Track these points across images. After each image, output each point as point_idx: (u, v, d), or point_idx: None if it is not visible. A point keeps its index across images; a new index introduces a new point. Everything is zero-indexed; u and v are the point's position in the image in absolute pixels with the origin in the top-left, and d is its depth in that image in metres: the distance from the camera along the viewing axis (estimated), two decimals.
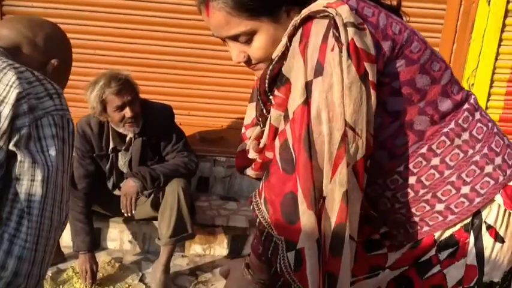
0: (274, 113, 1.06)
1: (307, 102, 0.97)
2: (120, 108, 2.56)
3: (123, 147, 2.74)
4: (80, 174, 2.73)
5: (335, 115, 0.94)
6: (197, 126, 3.38)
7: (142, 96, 2.75)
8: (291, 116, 0.99)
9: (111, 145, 2.74)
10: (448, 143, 1.03)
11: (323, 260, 0.99)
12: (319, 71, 0.95)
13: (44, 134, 0.98)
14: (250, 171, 1.26)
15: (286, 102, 1.02)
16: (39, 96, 0.99)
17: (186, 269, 3.00)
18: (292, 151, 0.99)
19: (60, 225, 1.02)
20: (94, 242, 2.79)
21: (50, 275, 2.76)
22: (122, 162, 2.78)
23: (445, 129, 1.03)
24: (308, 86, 0.96)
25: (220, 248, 3.16)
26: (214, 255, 3.15)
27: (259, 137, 1.20)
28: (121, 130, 2.66)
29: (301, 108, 0.97)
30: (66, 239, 3.02)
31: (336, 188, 0.96)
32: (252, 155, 1.23)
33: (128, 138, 2.72)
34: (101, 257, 2.89)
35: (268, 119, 1.11)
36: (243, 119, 1.28)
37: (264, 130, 1.16)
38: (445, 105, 1.03)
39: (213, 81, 3.29)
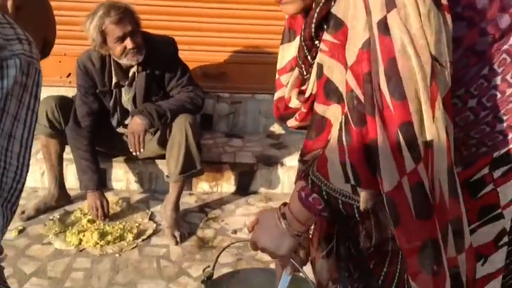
0: (327, 62, 0.98)
1: (369, 46, 0.88)
2: (121, 39, 2.44)
3: (127, 82, 2.65)
4: (84, 112, 2.65)
5: (419, 48, 0.87)
6: (199, 62, 3.27)
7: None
8: (352, 62, 0.91)
9: (114, 80, 2.64)
10: (509, 60, 0.99)
11: (441, 211, 0.92)
12: (390, 3, 0.87)
13: (7, 73, 0.87)
14: (292, 122, 1.19)
15: (340, 49, 0.94)
16: (8, 38, 0.90)
17: (195, 206, 2.98)
18: (363, 100, 0.90)
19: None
20: (101, 180, 2.76)
21: (58, 217, 2.73)
22: (126, 98, 2.69)
23: (505, 46, 0.99)
24: (381, 25, 0.88)
25: (227, 185, 3.13)
26: (222, 192, 3.13)
27: (299, 84, 1.12)
28: (123, 61, 2.55)
29: (365, 53, 0.89)
30: (71, 181, 2.98)
31: (440, 127, 0.89)
32: (294, 104, 1.15)
33: (131, 73, 2.62)
34: (108, 198, 2.84)
35: (315, 66, 1.02)
36: (245, 52, 1.21)
37: (308, 77, 1.07)
38: (504, 21, 0.98)
39: (214, 12, 3.15)
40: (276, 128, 3.53)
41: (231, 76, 3.36)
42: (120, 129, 2.81)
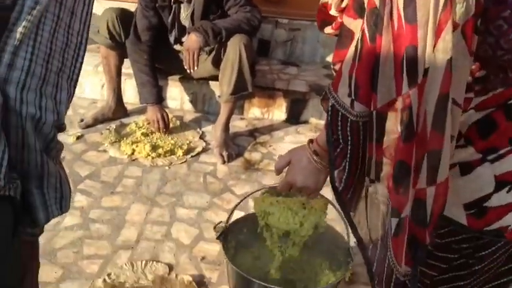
0: None
1: None
2: None
3: None
4: (144, 26, 2.69)
5: None
6: None
7: None
8: None
9: None
10: None
11: (421, 140, 0.93)
12: None
13: None
14: (328, 29, 1.17)
15: None
16: None
17: (245, 130, 3.02)
18: (383, 16, 0.89)
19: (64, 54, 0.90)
20: (160, 94, 2.83)
21: (114, 127, 2.85)
22: (184, 15, 2.69)
23: None
24: None
25: (278, 112, 3.13)
26: (272, 119, 3.14)
27: None
28: None
29: None
30: (128, 95, 3.08)
31: (439, 58, 0.87)
32: (333, 12, 1.13)
33: None
34: None
35: None
36: None
37: None
38: None
39: None
40: None
41: (290, 1, 3.26)
42: (177, 47, 2.83)
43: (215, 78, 2.82)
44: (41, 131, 0.83)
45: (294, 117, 3.13)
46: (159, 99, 2.80)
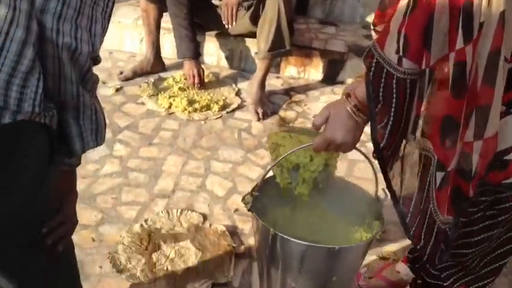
0: None
1: None
2: None
3: None
4: None
5: None
6: None
7: None
8: None
9: None
10: None
11: (471, 95, 0.92)
12: None
13: None
14: None
15: None
16: None
17: (280, 89, 3.02)
18: None
19: None
20: (198, 50, 2.85)
21: (152, 81, 2.90)
22: None
23: None
24: None
25: (315, 72, 3.11)
26: (309, 79, 3.13)
27: None
28: None
29: None
30: (166, 50, 3.11)
31: (493, 11, 0.85)
32: None
33: None
34: None
35: None
36: None
37: None
38: None
39: None
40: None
41: None
42: (216, 2, 2.82)
43: (252, 35, 2.81)
44: (76, 61, 0.86)
45: (330, 78, 3.11)
46: (196, 54, 2.82)
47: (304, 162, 1.27)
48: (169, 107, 2.68)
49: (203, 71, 2.85)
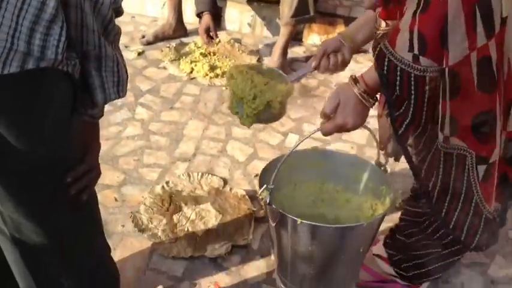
0: None
1: None
2: None
3: None
4: None
5: None
6: None
7: None
8: None
9: None
10: None
11: (507, 87, 0.94)
12: None
13: None
14: None
15: None
16: None
17: (303, 56, 2.99)
18: None
19: None
20: (214, 6, 2.79)
21: (174, 45, 2.89)
22: None
23: None
24: None
25: None
26: None
27: None
28: None
29: None
30: (189, 15, 3.08)
31: None
32: None
33: None
34: (221, 37, 2.93)
35: None
36: None
37: None
38: None
39: None
40: None
41: None
42: None
43: (275, 1, 2.77)
44: (99, 12, 0.88)
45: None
46: (212, 8, 2.75)
47: (247, 99, 1.34)
48: (191, 72, 2.68)
49: (215, 28, 2.73)
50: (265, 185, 1.27)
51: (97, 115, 1.03)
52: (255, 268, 1.67)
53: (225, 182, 2.00)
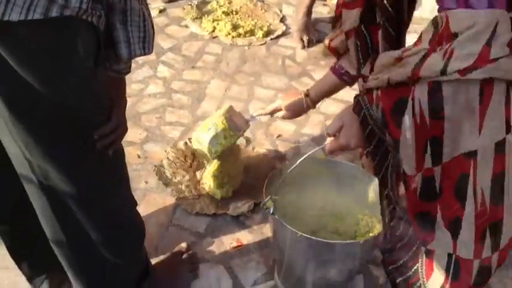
0: None
1: None
2: None
3: None
4: None
5: None
6: None
7: None
8: None
9: None
10: None
11: (479, 214, 0.94)
12: None
13: None
14: None
15: None
16: None
17: (327, 17, 2.91)
18: None
19: None
20: None
21: (196, 3, 2.83)
22: None
23: None
24: None
25: None
26: None
27: None
28: None
29: None
30: None
31: (485, 139, 0.88)
32: None
33: None
34: None
35: None
36: None
37: None
38: None
39: None
40: None
41: None
42: None
43: None
44: None
45: None
46: None
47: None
48: (213, 31, 2.64)
49: None
50: (270, 196, 1.29)
51: (123, 71, 1.02)
52: None
53: (248, 141, 1.99)
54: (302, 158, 1.25)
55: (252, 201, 1.71)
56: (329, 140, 1.17)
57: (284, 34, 2.71)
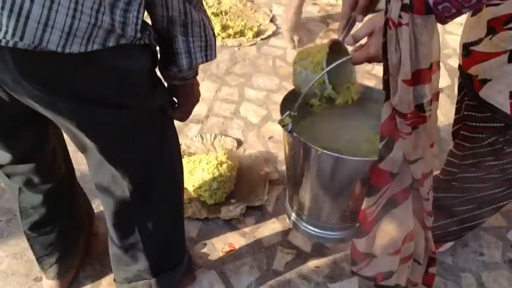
0: None
1: None
2: None
3: None
4: None
5: None
6: None
7: None
8: None
9: None
10: None
11: None
12: None
13: None
14: None
15: None
16: None
17: (317, 16, 2.90)
18: None
19: None
20: None
21: None
22: None
23: None
24: None
25: None
26: None
27: None
28: None
29: None
30: None
31: None
32: None
33: None
34: None
35: None
36: None
37: None
38: None
39: None
40: None
41: None
42: None
43: None
44: None
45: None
46: None
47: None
48: None
49: None
50: (288, 112, 1.21)
51: (189, 76, 1.04)
52: (270, 230, 1.66)
53: (239, 143, 1.97)
54: (323, 72, 1.13)
55: (244, 204, 1.69)
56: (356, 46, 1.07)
57: (274, 34, 2.69)
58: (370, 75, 2.40)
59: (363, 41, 1.06)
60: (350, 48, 1.12)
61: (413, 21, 0.89)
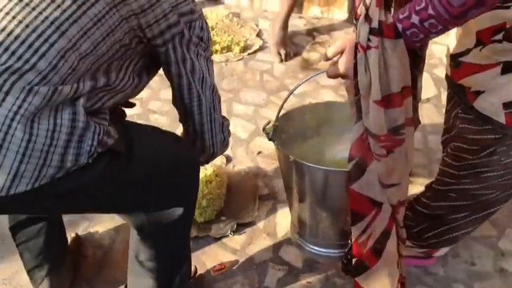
0: None
1: None
2: None
3: None
4: None
5: None
6: None
7: None
8: None
9: None
10: None
11: None
12: None
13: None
14: None
15: None
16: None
17: (303, 29, 2.91)
18: None
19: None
20: None
21: None
22: None
23: None
24: None
25: (339, 11, 2.99)
26: (333, 19, 3.01)
27: None
28: None
29: None
30: None
31: None
32: None
33: None
34: (219, 11, 2.87)
35: None
36: None
37: None
38: None
39: None
40: None
41: None
42: None
43: None
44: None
45: (356, 17, 2.98)
46: None
47: None
48: None
49: None
50: (268, 121, 1.32)
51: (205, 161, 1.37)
52: (261, 246, 1.65)
53: (228, 159, 1.97)
54: (306, 79, 1.35)
55: (234, 221, 1.68)
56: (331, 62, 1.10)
57: (261, 49, 2.70)
58: None
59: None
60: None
61: (382, 44, 0.91)
